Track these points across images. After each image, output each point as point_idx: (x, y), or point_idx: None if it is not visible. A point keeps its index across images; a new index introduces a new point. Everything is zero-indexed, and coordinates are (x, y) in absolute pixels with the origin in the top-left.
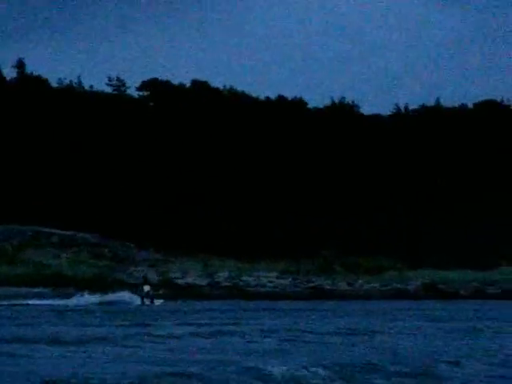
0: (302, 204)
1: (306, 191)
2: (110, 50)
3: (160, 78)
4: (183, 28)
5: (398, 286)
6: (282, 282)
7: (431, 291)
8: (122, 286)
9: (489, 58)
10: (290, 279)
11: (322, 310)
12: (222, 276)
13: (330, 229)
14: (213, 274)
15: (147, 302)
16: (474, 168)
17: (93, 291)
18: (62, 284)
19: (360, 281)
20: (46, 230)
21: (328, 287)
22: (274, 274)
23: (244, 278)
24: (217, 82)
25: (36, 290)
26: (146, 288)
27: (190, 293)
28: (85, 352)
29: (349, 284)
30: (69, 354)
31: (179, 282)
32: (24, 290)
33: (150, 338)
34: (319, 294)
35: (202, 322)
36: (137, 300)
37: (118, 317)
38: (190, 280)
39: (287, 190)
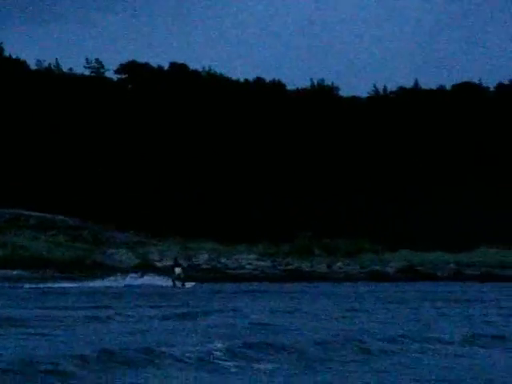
0: (281, 186)
1: (284, 173)
2: (88, 32)
3: (138, 61)
4: (161, 10)
5: (377, 268)
6: (261, 264)
7: (409, 273)
8: (101, 268)
9: (467, 41)
10: (269, 261)
11: (294, 291)
12: (202, 258)
13: (309, 211)
14: (192, 257)
15: (179, 284)
16: (453, 150)
17: (73, 274)
18: (41, 266)
19: (339, 263)
20: (25, 212)
21: (307, 269)
22: (253, 256)
23: (223, 261)
24: (195, 65)
25: (15, 272)
26: (178, 270)
27: (169, 275)
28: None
29: (328, 266)
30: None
31: (158, 264)
32: (1, 272)
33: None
34: (298, 276)
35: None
36: (168, 282)
37: (155, 299)
38: (169, 262)
39: (266, 172)
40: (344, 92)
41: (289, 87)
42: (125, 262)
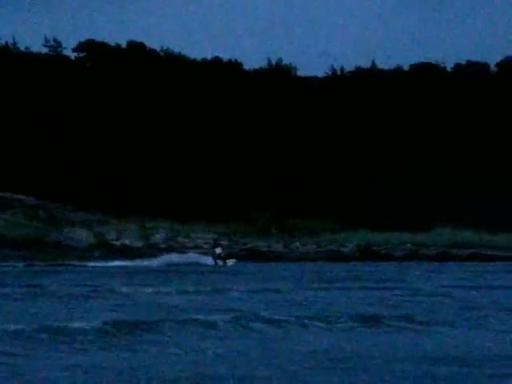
0: (241, 166)
1: (242, 153)
2: (46, 11)
3: (96, 40)
4: None
5: (334, 248)
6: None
7: (366, 253)
8: (57, 247)
9: (425, 21)
10: (226, 241)
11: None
12: (159, 237)
13: (266, 191)
14: (149, 236)
15: (220, 262)
16: (409, 130)
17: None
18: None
19: (296, 243)
20: None
21: (264, 249)
22: (210, 235)
23: (180, 240)
24: (153, 43)
25: None
26: (218, 250)
27: (126, 254)
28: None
29: (284, 246)
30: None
31: (115, 243)
32: None
33: None
34: (255, 256)
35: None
36: (209, 261)
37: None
38: (126, 241)
39: (224, 151)
40: (302, 72)
41: (246, 66)
42: (82, 241)
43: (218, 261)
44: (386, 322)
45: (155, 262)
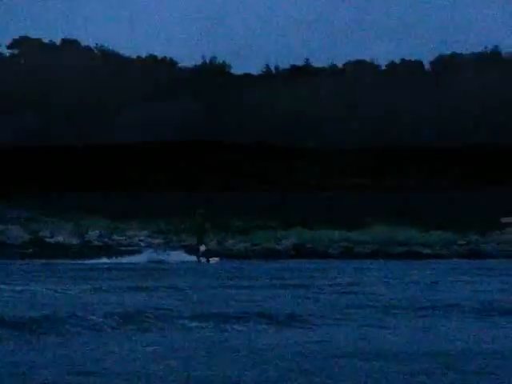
0: (172, 161)
1: (179, 149)
2: None
3: (30, 36)
4: None
5: (269, 245)
6: (155, 241)
7: (301, 251)
8: None
9: (358, 20)
10: (161, 238)
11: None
12: (93, 235)
13: (202, 188)
14: (83, 233)
15: (203, 260)
16: (344, 127)
17: None
18: None
19: (230, 240)
20: None
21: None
22: (146, 232)
23: (115, 237)
24: (87, 41)
25: None
26: (202, 248)
27: (59, 252)
28: None
29: (219, 243)
30: None
31: (49, 240)
32: None
33: None
34: (190, 253)
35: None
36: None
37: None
38: (60, 239)
39: (160, 148)
40: (236, 69)
41: (180, 64)
42: (16, 239)
43: (200, 258)
44: (251, 320)
45: (134, 259)
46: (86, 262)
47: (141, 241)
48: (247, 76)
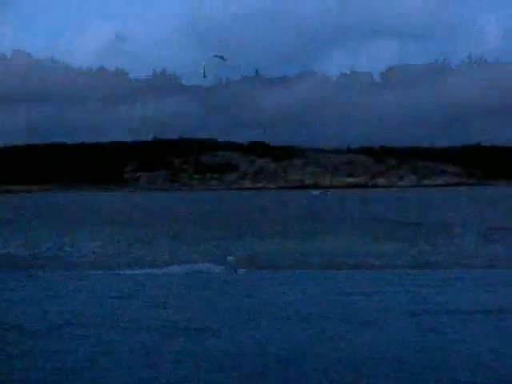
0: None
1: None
2: None
3: None
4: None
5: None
6: None
7: (252, 261)
8: None
9: (300, 33)
10: None
11: None
12: None
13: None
14: None
15: (231, 271)
16: (293, 133)
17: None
18: None
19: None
20: None
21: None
22: None
23: None
24: (39, 53)
25: None
26: (230, 258)
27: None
28: None
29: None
30: None
31: None
32: None
33: None
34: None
35: None
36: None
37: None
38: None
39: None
40: (186, 81)
41: (132, 75)
42: None
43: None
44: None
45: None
46: None
47: None
48: (198, 86)
